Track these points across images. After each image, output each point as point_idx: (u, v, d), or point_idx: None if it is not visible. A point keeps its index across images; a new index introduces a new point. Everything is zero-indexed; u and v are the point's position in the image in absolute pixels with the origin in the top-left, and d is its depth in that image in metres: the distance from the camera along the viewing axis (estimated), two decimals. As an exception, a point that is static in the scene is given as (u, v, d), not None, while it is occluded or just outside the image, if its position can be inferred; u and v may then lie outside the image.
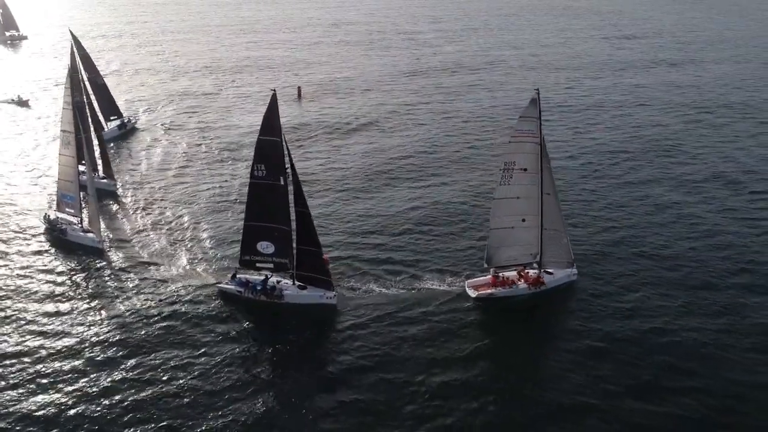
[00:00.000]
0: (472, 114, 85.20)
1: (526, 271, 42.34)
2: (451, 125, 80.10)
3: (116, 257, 47.56)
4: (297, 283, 41.91)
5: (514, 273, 42.24)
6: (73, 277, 44.73)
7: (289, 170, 40.26)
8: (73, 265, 46.40)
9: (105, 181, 59.11)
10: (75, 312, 40.36)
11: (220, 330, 38.54)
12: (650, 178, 61.61)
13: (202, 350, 36.56)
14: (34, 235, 50.75)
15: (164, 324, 38.91)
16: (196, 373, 34.63)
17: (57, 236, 49.66)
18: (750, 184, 60.26)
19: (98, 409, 31.99)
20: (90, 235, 48.99)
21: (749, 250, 47.30)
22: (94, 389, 33.38)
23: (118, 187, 60.20)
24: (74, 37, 64.60)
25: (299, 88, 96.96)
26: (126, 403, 32.29)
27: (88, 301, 41.67)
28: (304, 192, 41.16)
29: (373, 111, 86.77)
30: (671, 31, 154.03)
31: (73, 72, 57.45)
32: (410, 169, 65.24)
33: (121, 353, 36.24)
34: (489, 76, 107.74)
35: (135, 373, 34.61)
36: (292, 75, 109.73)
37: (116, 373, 34.59)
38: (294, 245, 41.41)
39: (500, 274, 41.88)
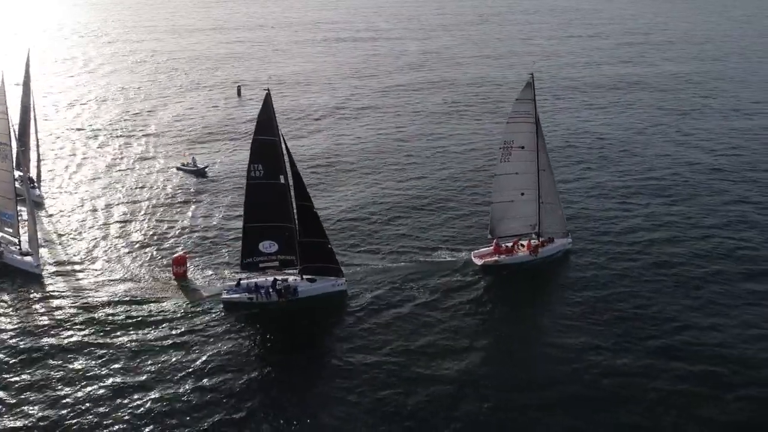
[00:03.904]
0: (461, 99, 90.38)
1: (521, 242, 45.73)
2: (437, 114, 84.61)
3: (63, 283, 41.91)
4: (305, 277, 41.54)
5: (511, 243, 45.74)
6: (13, 307, 39.25)
7: (288, 167, 39.83)
8: (5, 296, 40.78)
9: (35, 191, 53.92)
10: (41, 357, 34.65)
11: (243, 346, 36.14)
12: (642, 160, 66.87)
13: (233, 376, 33.44)
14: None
15: (172, 350, 35.22)
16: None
17: None
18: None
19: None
20: (28, 258, 43.47)
21: (745, 222, 51.84)
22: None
23: (44, 197, 55.66)
24: None
25: (239, 87, 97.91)
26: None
27: (49, 342, 35.78)
28: (305, 185, 40.71)
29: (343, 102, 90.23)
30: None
31: (25, 77, 55.12)
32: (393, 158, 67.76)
33: (131, 390, 32.00)
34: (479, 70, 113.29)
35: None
36: (242, 71, 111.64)
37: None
38: (298, 239, 40.75)
39: (502, 244, 45.44)
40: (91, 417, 30.31)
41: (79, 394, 31.82)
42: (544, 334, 37.96)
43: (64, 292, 41.28)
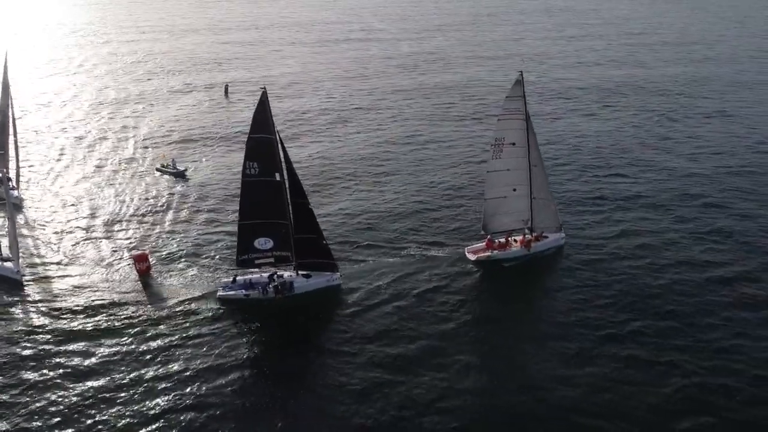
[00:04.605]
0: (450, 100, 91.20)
1: (513, 238, 46.58)
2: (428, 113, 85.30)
3: (45, 289, 41.51)
4: (301, 272, 42.24)
5: (503, 238, 46.47)
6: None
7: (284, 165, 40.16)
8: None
9: (14, 193, 53.33)
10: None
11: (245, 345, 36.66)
12: (630, 160, 67.67)
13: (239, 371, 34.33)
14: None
15: (165, 348, 35.87)
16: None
17: None
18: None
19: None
20: (8, 264, 42.57)
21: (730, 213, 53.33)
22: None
23: (23, 198, 55.13)
24: None
25: (226, 86, 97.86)
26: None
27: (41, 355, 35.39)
28: (301, 183, 41.15)
29: (333, 106, 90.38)
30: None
31: (3, 80, 54.35)
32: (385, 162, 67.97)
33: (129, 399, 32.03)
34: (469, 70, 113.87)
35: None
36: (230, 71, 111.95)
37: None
38: (293, 235, 41.34)
39: (495, 240, 46.13)
40: (84, 417, 30.84)
41: (73, 396, 32.25)
42: (533, 329, 38.85)
43: (45, 298, 40.86)
